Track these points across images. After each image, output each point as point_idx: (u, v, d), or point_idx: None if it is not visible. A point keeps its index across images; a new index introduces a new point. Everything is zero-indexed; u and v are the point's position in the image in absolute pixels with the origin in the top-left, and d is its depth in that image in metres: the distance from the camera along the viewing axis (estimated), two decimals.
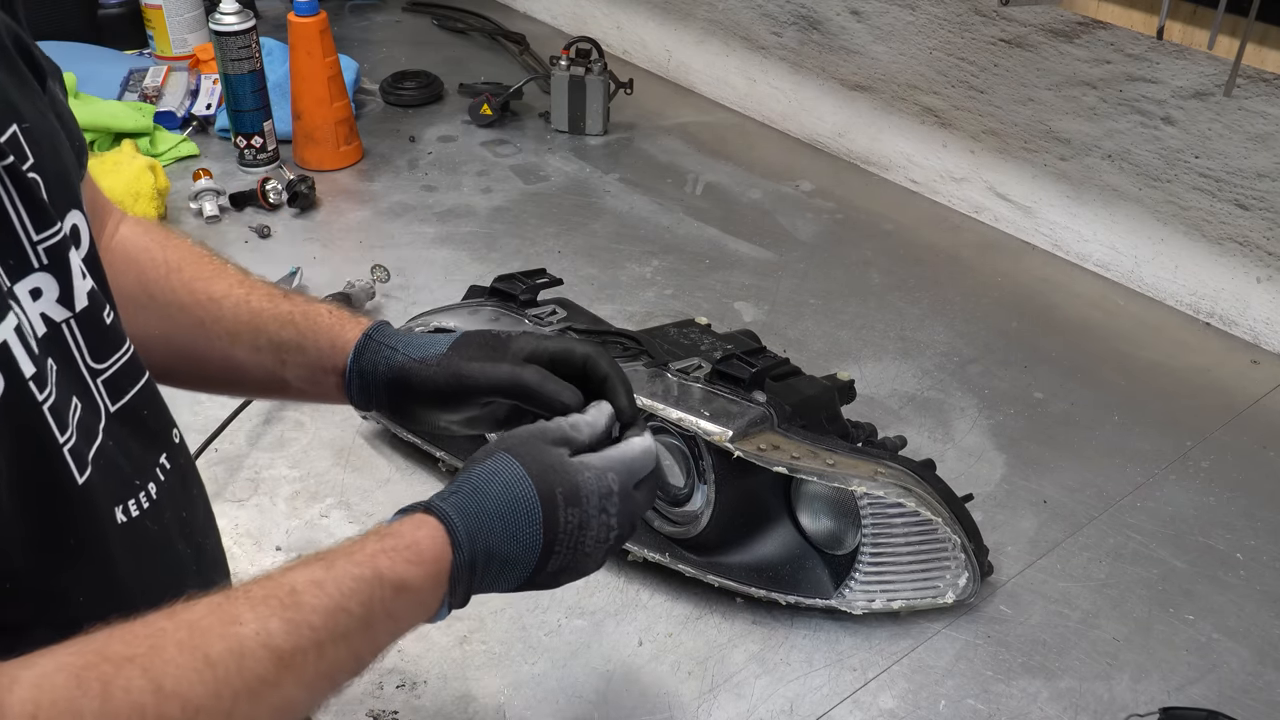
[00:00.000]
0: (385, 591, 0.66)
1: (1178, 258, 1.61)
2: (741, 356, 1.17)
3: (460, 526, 0.71)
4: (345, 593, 0.65)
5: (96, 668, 0.54)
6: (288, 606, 0.62)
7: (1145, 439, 1.38)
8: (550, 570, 0.75)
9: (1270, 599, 1.17)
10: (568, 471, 0.76)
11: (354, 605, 0.65)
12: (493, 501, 0.73)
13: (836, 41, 1.96)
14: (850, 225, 1.83)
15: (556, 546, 0.74)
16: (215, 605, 0.61)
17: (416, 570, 0.69)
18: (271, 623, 0.61)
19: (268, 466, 1.31)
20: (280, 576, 0.64)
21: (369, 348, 0.87)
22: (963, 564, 1.09)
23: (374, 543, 0.69)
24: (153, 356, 0.87)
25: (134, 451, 0.72)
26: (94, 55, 2.12)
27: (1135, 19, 1.29)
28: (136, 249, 0.91)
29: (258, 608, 0.61)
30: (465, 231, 1.78)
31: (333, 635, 0.63)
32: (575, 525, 0.75)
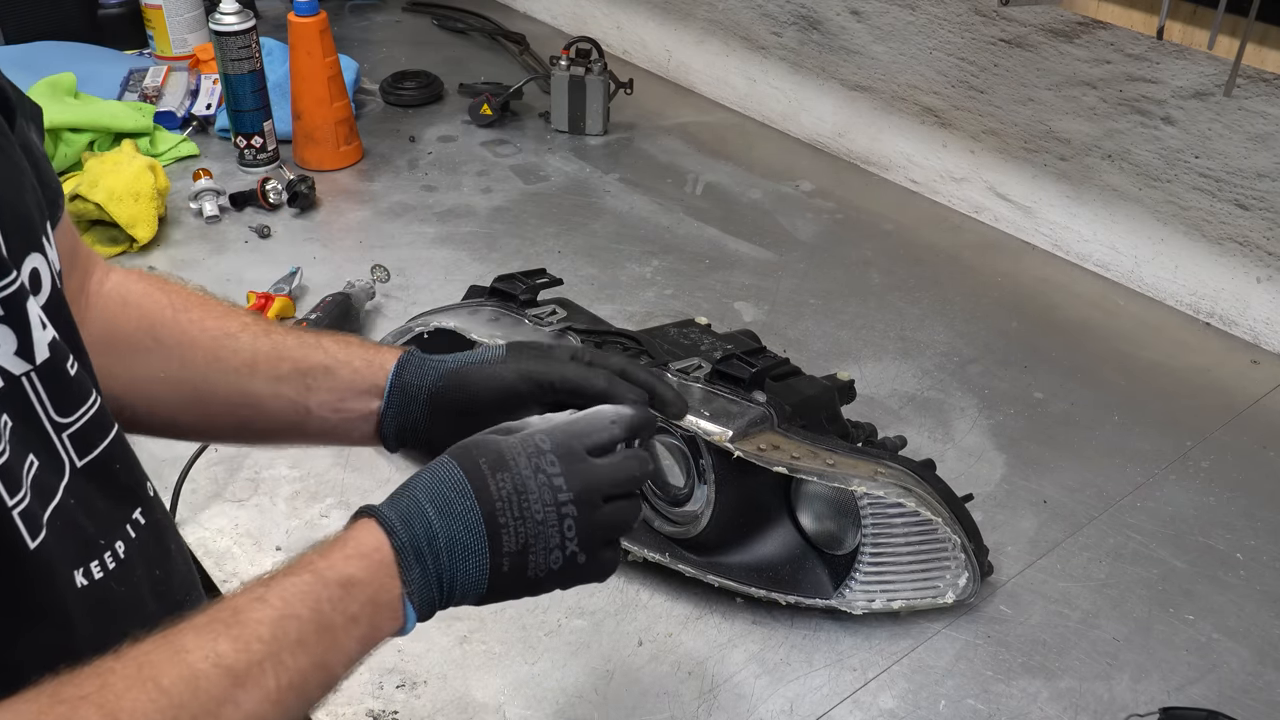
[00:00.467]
0: (331, 590, 0.65)
1: (1178, 258, 1.61)
2: (741, 356, 1.17)
3: (392, 514, 0.70)
4: (289, 599, 0.64)
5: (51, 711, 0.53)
6: (231, 625, 0.61)
7: (1145, 439, 1.38)
8: (509, 550, 0.71)
9: (1270, 599, 1.17)
10: (489, 442, 0.74)
11: (301, 609, 0.64)
12: (421, 488, 0.72)
13: (836, 41, 1.96)
14: (850, 225, 1.83)
15: (500, 518, 0.71)
16: (160, 639, 0.60)
17: (357, 563, 0.67)
18: (219, 644, 0.60)
19: (268, 466, 1.31)
20: (221, 601, 0.63)
21: (412, 361, 0.86)
22: (963, 564, 1.09)
23: (311, 552, 0.68)
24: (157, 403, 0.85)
25: (100, 509, 0.70)
26: (94, 55, 2.12)
27: (1135, 19, 1.29)
28: (136, 294, 0.88)
29: (202, 633, 0.60)
30: (465, 231, 1.78)
31: (286, 644, 0.62)
32: (510, 490, 0.71)
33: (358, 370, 0.86)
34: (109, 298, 0.87)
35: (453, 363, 0.85)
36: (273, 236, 1.73)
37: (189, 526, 1.22)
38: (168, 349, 0.86)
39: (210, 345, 0.87)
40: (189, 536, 1.22)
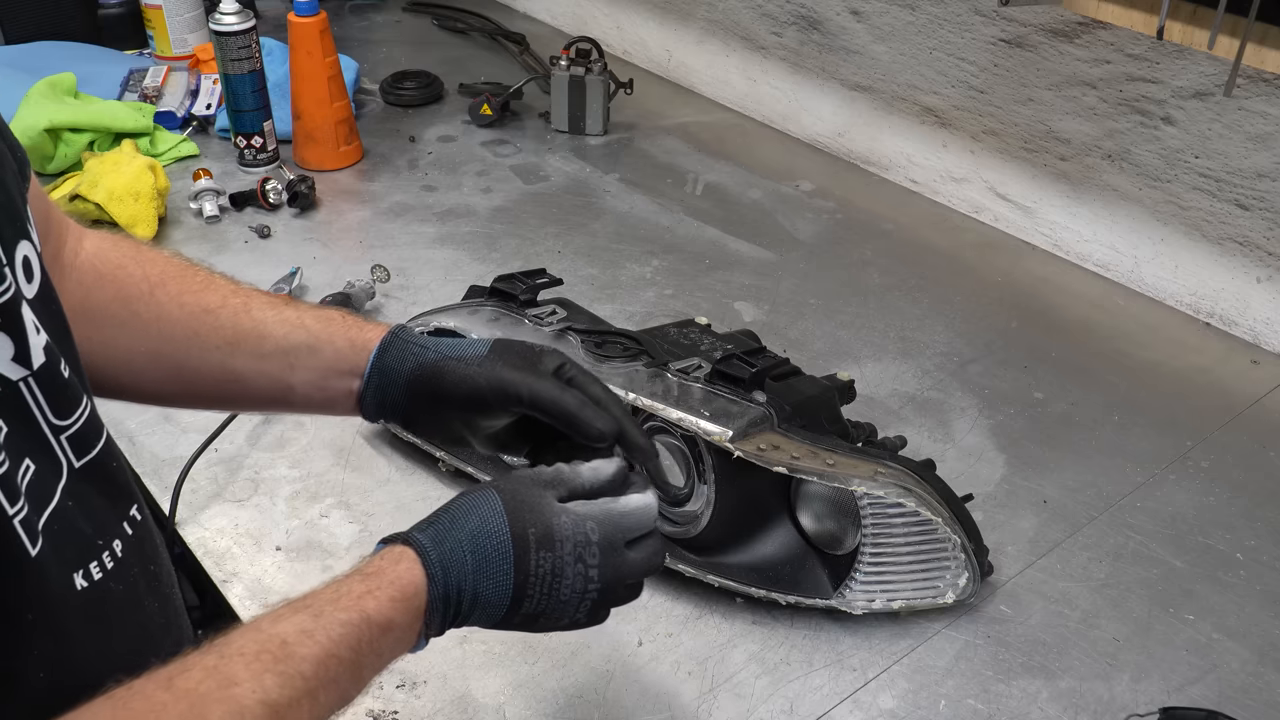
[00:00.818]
0: (373, 633, 0.68)
1: (1178, 258, 1.61)
2: (741, 356, 1.17)
3: (435, 559, 0.72)
4: (334, 639, 0.65)
5: None
6: (280, 660, 0.62)
7: (1145, 439, 1.38)
8: (525, 613, 0.75)
9: (1270, 599, 1.17)
10: (543, 513, 0.75)
11: (344, 651, 0.66)
12: (466, 534, 0.73)
13: (836, 41, 1.96)
14: (850, 225, 1.83)
15: (529, 590, 0.74)
16: (210, 669, 0.61)
17: (401, 608, 0.70)
18: (266, 679, 0.61)
19: (268, 466, 1.31)
20: (270, 628, 0.64)
21: (395, 345, 0.86)
22: (963, 564, 1.09)
23: (359, 584, 0.69)
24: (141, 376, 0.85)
25: (98, 508, 0.70)
26: (94, 55, 2.12)
27: (1135, 19, 1.29)
28: (110, 265, 0.87)
29: (251, 665, 0.61)
30: (465, 231, 1.78)
31: (324, 682, 0.64)
32: (548, 571, 0.74)
33: (340, 351, 0.86)
34: (83, 269, 0.85)
35: (434, 353, 0.85)
36: (273, 236, 1.73)
37: (189, 526, 1.22)
38: (145, 324, 0.86)
39: (189, 322, 0.86)
40: (189, 536, 1.22)
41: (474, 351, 0.85)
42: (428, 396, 0.84)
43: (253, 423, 1.36)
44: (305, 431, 1.36)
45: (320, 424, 1.37)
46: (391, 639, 0.70)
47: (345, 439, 1.35)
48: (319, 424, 1.37)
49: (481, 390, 0.83)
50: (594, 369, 1.14)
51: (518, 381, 0.82)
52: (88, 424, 0.70)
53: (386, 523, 1.23)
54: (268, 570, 1.18)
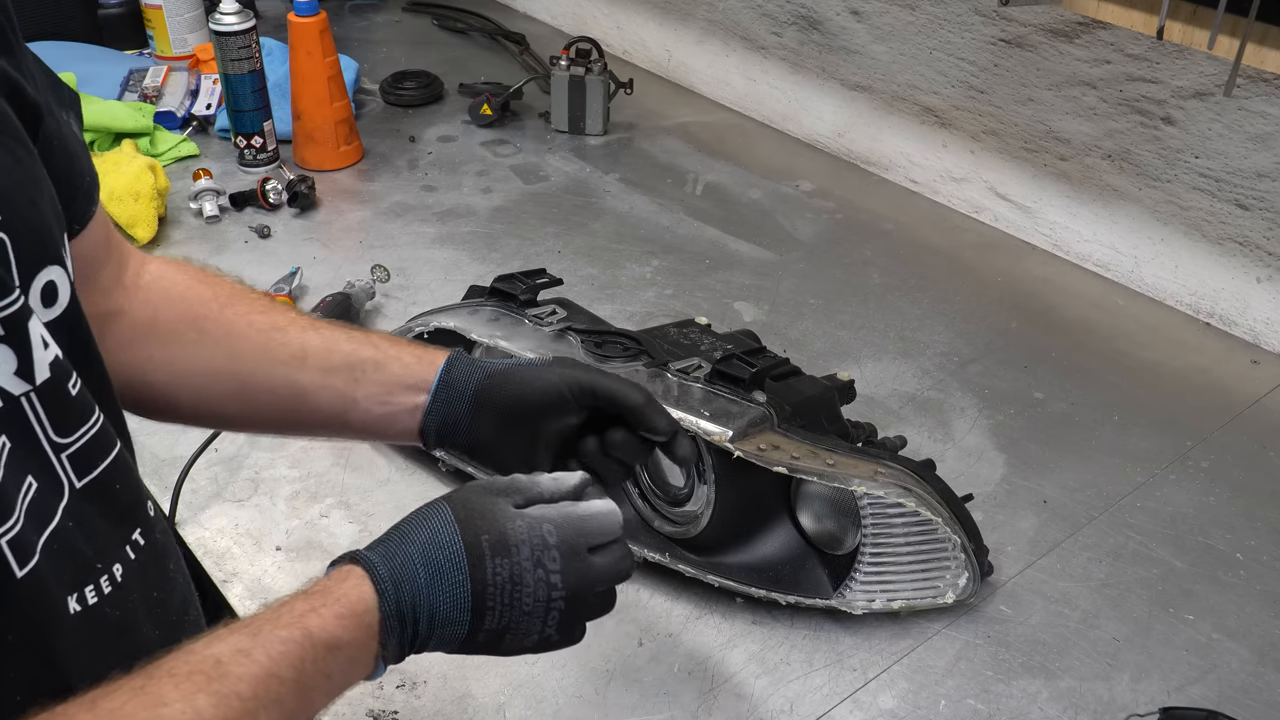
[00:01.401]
0: (317, 651, 0.65)
1: (1178, 258, 1.61)
2: (741, 356, 1.17)
3: (385, 575, 0.69)
4: (274, 658, 0.63)
5: None
6: (213, 679, 0.60)
7: (1145, 439, 1.38)
8: (489, 628, 0.72)
9: (1270, 599, 1.17)
10: (495, 518, 0.72)
11: (285, 670, 0.63)
12: (417, 547, 0.71)
13: (836, 41, 1.96)
14: (850, 225, 1.83)
15: (488, 601, 0.71)
16: (137, 689, 0.58)
17: (347, 624, 0.67)
18: (198, 699, 0.58)
19: (268, 466, 1.31)
20: (204, 649, 0.62)
21: (460, 360, 0.87)
22: (963, 564, 1.09)
23: (302, 602, 0.67)
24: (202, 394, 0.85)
25: (100, 530, 0.68)
26: (94, 55, 2.12)
27: (1135, 19, 1.29)
28: (179, 286, 0.87)
29: (182, 685, 0.59)
30: (465, 231, 1.78)
31: (264, 703, 0.61)
32: (506, 579, 0.71)
33: (407, 365, 0.87)
34: (150, 289, 0.86)
35: (500, 365, 0.86)
36: (273, 236, 1.73)
37: (189, 526, 1.23)
38: (214, 341, 0.85)
39: (259, 339, 0.86)
40: (189, 536, 1.22)
41: (540, 362, 0.87)
42: (496, 406, 0.85)
43: None
44: None
45: None
46: (341, 659, 0.66)
47: None
48: None
49: (557, 386, 0.84)
50: None
51: (593, 378, 0.85)
52: (92, 442, 0.68)
53: (386, 523, 1.22)
54: (268, 570, 1.18)
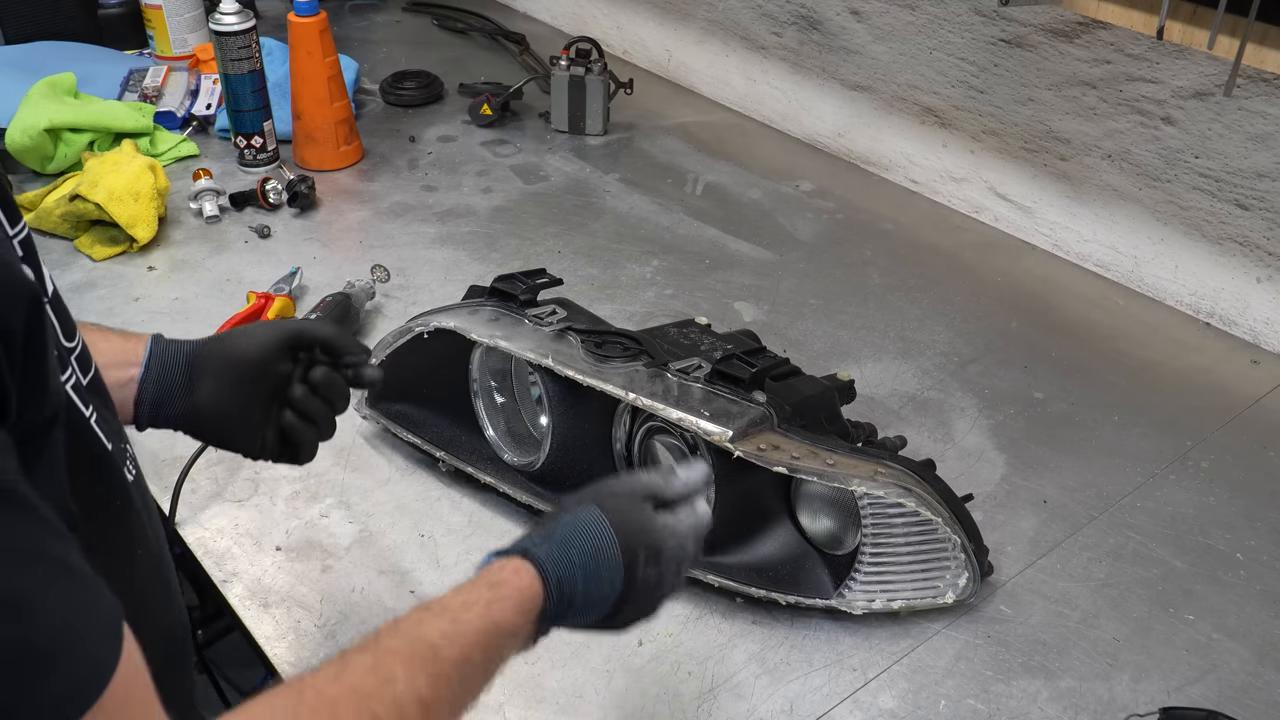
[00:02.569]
0: (501, 639, 0.76)
1: (1178, 258, 1.61)
2: (741, 356, 1.17)
3: (553, 577, 0.79)
4: (471, 644, 0.73)
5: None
6: (429, 661, 0.70)
7: (1145, 439, 1.38)
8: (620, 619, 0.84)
9: (1270, 599, 1.17)
10: (652, 530, 0.84)
11: (478, 655, 0.73)
12: (579, 553, 0.81)
13: (836, 41, 1.96)
14: (850, 225, 1.83)
15: (631, 597, 0.83)
16: (373, 667, 0.68)
17: (521, 617, 0.77)
18: (419, 679, 0.68)
19: (268, 467, 1.30)
20: (415, 630, 0.72)
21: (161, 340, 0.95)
22: (963, 564, 1.09)
23: (485, 592, 0.77)
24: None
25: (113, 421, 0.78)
26: (94, 55, 2.12)
27: (1135, 19, 1.29)
28: None
29: (408, 665, 0.69)
30: (465, 231, 1.78)
31: (464, 683, 0.72)
32: (653, 582, 0.84)
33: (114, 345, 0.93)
34: None
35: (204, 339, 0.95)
36: (273, 236, 1.73)
37: (189, 526, 1.23)
38: None
39: None
40: (189, 536, 1.22)
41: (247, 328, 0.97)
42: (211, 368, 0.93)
43: None
44: None
45: None
46: (514, 643, 0.77)
47: (345, 439, 1.34)
48: None
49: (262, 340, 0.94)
50: (594, 369, 1.14)
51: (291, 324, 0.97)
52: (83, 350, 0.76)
53: (386, 522, 1.23)
54: (268, 570, 1.18)
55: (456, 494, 1.28)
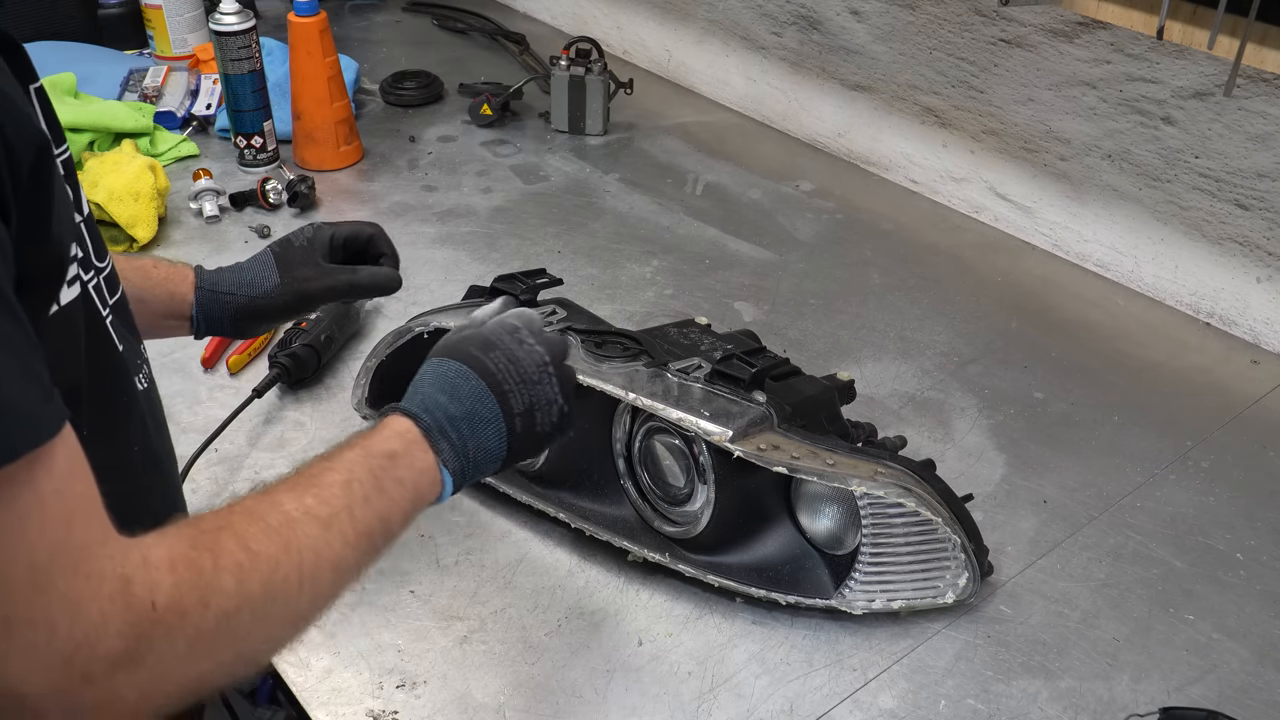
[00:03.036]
0: (380, 460, 0.80)
1: (1178, 258, 1.61)
2: (741, 356, 1.17)
3: (411, 405, 0.86)
4: (350, 466, 0.79)
5: (201, 535, 0.68)
6: (311, 485, 0.76)
7: (1145, 439, 1.38)
8: (519, 411, 0.88)
9: (1270, 599, 1.17)
10: (467, 332, 0.92)
11: (361, 474, 0.78)
12: (427, 383, 0.88)
13: (836, 41, 1.96)
14: (850, 225, 1.83)
15: (505, 385, 0.88)
16: (256, 496, 0.74)
17: (395, 440, 0.83)
18: (306, 498, 0.74)
19: (268, 466, 1.31)
20: (296, 471, 0.78)
21: (207, 300, 1.11)
22: (963, 564, 1.09)
23: (355, 436, 0.84)
24: None
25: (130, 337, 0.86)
26: (94, 55, 2.12)
27: (1135, 19, 1.29)
28: None
29: (291, 490, 0.75)
30: (465, 231, 1.78)
31: (356, 500, 0.76)
32: (505, 361, 0.89)
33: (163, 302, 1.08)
34: None
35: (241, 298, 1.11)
36: (273, 236, 1.73)
37: None
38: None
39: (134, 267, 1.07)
40: None
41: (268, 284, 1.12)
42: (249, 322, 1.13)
43: (253, 422, 1.36)
44: (305, 431, 1.36)
45: (320, 424, 1.37)
46: (403, 465, 0.81)
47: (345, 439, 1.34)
48: (319, 424, 1.37)
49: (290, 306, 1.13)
50: (594, 368, 1.14)
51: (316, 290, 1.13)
52: (112, 271, 0.84)
53: None
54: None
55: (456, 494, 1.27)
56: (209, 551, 0.66)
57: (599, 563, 1.18)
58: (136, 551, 0.63)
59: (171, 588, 0.63)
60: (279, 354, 1.40)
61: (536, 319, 0.94)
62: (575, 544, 1.21)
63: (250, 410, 1.36)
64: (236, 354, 1.44)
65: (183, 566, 0.64)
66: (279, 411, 1.39)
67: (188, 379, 1.43)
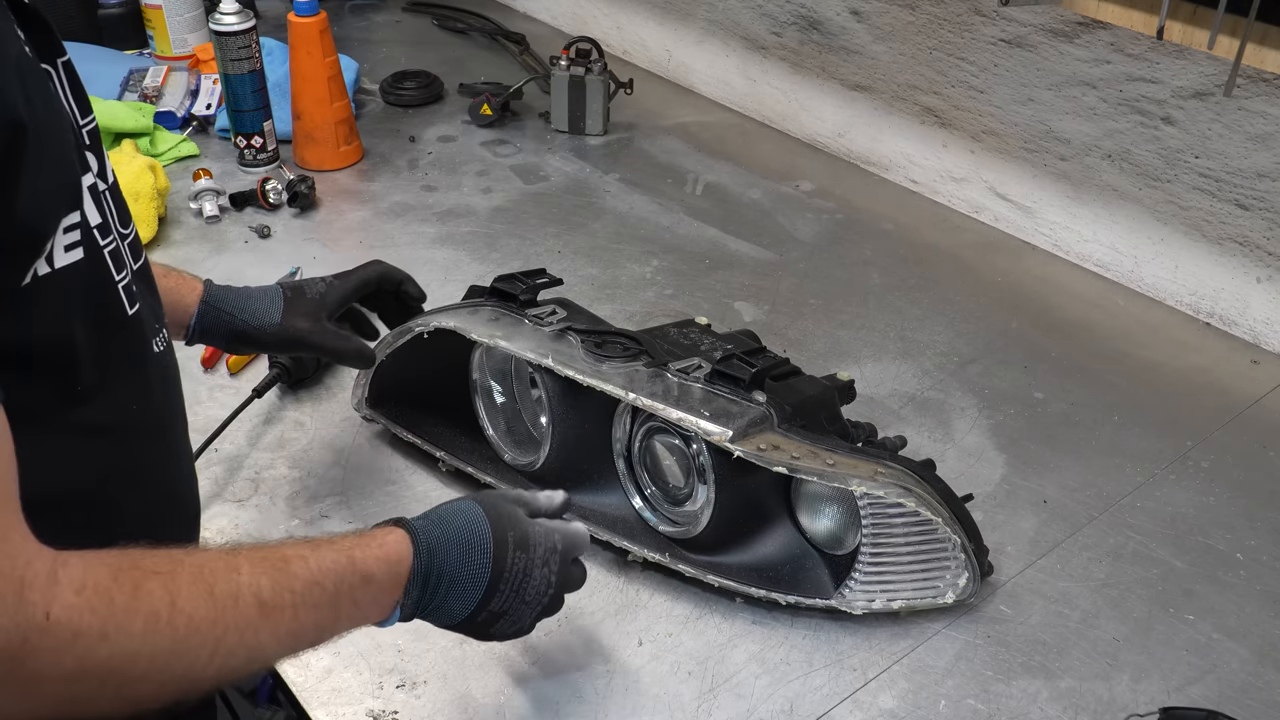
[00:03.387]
0: (355, 579, 0.80)
1: (1178, 258, 1.61)
2: (741, 356, 1.17)
3: (423, 540, 0.85)
4: (323, 570, 0.78)
5: (130, 571, 0.67)
6: (277, 569, 0.75)
7: (1145, 439, 1.38)
8: (492, 609, 0.88)
9: (1270, 599, 1.17)
10: (521, 521, 0.91)
11: (328, 582, 0.78)
12: (453, 530, 0.87)
13: (836, 41, 1.96)
14: (850, 225, 1.83)
15: (501, 585, 0.88)
16: (223, 555, 0.74)
17: (383, 566, 0.82)
18: (263, 579, 0.74)
19: (268, 466, 1.31)
20: (275, 547, 0.78)
21: (209, 314, 1.13)
22: (963, 564, 1.09)
23: (352, 538, 0.83)
24: None
25: (151, 302, 0.88)
26: (94, 55, 2.12)
27: (1135, 19, 1.29)
28: None
29: (255, 565, 0.74)
30: (465, 231, 1.78)
31: (306, 602, 0.76)
32: (521, 569, 0.89)
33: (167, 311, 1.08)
34: None
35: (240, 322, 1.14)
36: (273, 236, 1.73)
37: None
38: None
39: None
40: None
41: (269, 320, 1.15)
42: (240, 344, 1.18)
43: (253, 422, 1.36)
44: (305, 431, 1.36)
45: (320, 424, 1.37)
46: (370, 593, 0.81)
47: (345, 439, 1.35)
48: (319, 424, 1.37)
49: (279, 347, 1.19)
50: (594, 369, 1.14)
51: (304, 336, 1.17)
52: (135, 238, 0.87)
53: None
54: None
55: (456, 494, 1.27)
56: (129, 589, 0.66)
57: (599, 563, 1.18)
58: (45, 562, 0.63)
59: (72, 608, 0.63)
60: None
61: (580, 543, 0.96)
62: None
63: (250, 410, 1.36)
64: (236, 354, 1.44)
65: (93, 592, 0.64)
66: (279, 411, 1.39)
67: (188, 379, 1.41)
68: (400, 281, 1.27)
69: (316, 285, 1.21)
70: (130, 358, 0.83)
